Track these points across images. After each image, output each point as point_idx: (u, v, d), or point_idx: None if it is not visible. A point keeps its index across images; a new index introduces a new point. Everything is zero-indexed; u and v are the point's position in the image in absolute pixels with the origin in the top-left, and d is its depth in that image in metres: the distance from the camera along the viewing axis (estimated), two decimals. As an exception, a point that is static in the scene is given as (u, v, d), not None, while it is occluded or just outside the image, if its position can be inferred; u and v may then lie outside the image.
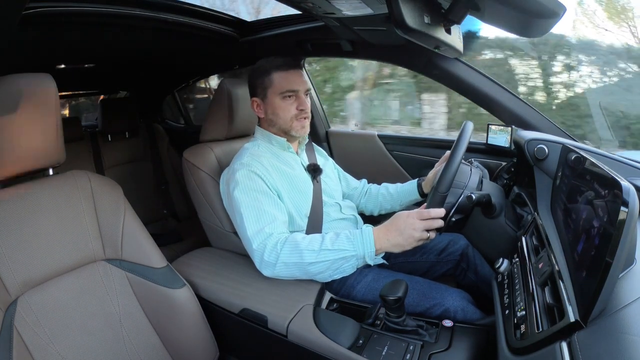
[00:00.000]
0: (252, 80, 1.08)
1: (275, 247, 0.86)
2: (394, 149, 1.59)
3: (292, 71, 1.04)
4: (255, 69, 1.07)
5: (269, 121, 1.08)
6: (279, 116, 1.04)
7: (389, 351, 0.73)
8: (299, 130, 1.06)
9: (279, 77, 1.03)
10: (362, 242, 0.84)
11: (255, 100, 1.08)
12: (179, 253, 1.14)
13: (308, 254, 0.84)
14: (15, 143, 0.75)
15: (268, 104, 1.05)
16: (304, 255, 0.84)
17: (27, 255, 0.76)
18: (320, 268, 0.84)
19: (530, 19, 0.73)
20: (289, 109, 1.03)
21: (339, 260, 0.83)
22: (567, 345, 0.46)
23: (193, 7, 1.28)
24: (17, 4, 0.75)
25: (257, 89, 1.06)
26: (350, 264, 0.84)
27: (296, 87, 1.03)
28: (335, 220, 1.09)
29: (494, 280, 0.83)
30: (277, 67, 1.03)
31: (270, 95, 1.04)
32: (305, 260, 0.83)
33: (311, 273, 0.85)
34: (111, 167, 1.96)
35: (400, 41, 1.13)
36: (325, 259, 0.83)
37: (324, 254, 0.83)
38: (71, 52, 1.47)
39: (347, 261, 0.84)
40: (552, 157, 0.93)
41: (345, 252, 0.83)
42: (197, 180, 1.12)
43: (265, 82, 1.04)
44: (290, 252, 0.85)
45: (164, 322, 0.88)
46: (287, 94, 1.03)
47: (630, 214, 0.42)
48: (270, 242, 0.87)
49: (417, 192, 1.20)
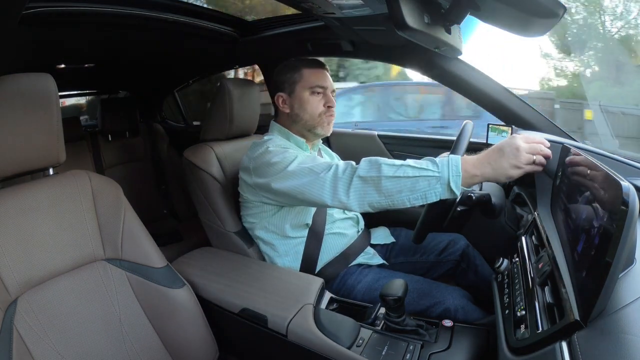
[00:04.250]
0: (280, 76, 1.08)
1: (348, 164, 0.80)
2: (394, 148, 1.59)
3: (321, 69, 1.06)
4: (284, 65, 1.09)
5: (294, 117, 1.07)
6: (306, 111, 1.04)
7: (389, 351, 0.73)
8: (325, 127, 1.06)
9: (309, 73, 1.05)
10: (448, 165, 0.74)
11: (281, 95, 1.07)
12: (179, 253, 1.14)
13: (387, 167, 0.76)
14: (16, 143, 0.75)
15: (295, 98, 1.05)
16: (382, 169, 0.76)
17: (27, 255, 0.76)
18: (399, 186, 0.75)
19: (530, 18, 0.73)
20: (317, 104, 1.04)
21: (421, 179, 0.74)
22: (567, 345, 0.46)
23: (193, 7, 1.28)
24: (17, 4, 0.75)
25: (284, 84, 1.07)
26: (432, 187, 0.74)
27: (325, 84, 1.05)
28: (338, 220, 1.09)
29: (493, 280, 0.83)
30: (307, 64, 1.06)
31: (298, 90, 1.04)
32: (383, 173, 0.75)
33: (389, 191, 0.75)
34: (111, 167, 1.96)
35: (400, 41, 1.13)
36: (405, 175, 0.75)
37: (404, 170, 0.75)
38: (71, 52, 1.47)
39: (429, 183, 0.74)
40: (552, 157, 0.93)
41: (428, 171, 0.74)
42: (197, 180, 1.12)
43: (294, 77, 1.05)
44: (368, 166, 0.78)
45: (163, 321, 0.88)
46: (316, 89, 1.04)
47: (630, 214, 0.42)
48: (342, 165, 0.81)
49: None
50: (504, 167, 0.73)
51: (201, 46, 1.61)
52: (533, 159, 0.73)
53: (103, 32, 1.22)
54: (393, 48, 1.29)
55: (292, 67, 1.06)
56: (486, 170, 0.74)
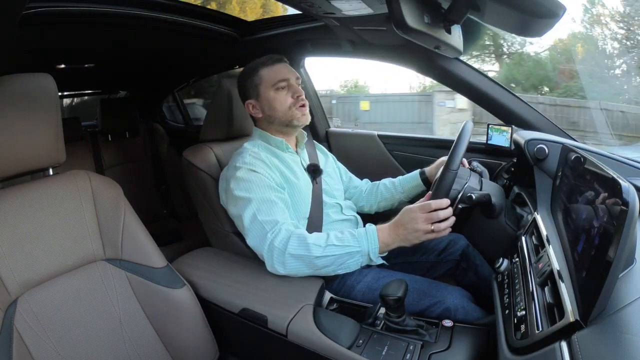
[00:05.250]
0: (242, 84, 1.08)
1: (283, 239, 0.87)
2: (394, 148, 1.59)
3: (278, 64, 1.05)
4: (242, 73, 1.08)
5: (267, 118, 1.07)
6: (276, 109, 1.04)
7: (389, 351, 0.73)
8: (301, 118, 1.05)
9: (267, 71, 1.04)
10: (366, 239, 0.85)
11: (249, 102, 1.07)
12: (179, 253, 1.14)
13: (315, 248, 0.84)
14: (16, 143, 0.75)
15: (263, 100, 1.05)
16: (310, 248, 0.84)
17: (27, 255, 0.76)
18: (326, 262, 0.85)
19: (530, 19, 0.73)
20: (284, 99, 1.04)
21: (344, 255, 0.84)
22: (567, 345, 0.46)
23: (193, 7, 1.29)
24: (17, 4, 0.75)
25: (248, 91, 1.07)
26: (355, 260, 0.85)
27: (286, 76, 1.04)
28: (336, 222, 1.09)
29: (494, 280, 0.83)
30: (263, 64, 1.05)
31: (263, 91, 1.04)
32: (312, 253, 0.84)
33: (317, 266, 0.86)
34: (111, 167, 1.96)
35: (400, 41, 1.13)
36: (331, 254, 0.84)
37: (330, 249, 0.84)
38: (71, 52, 1.47)
39: (352, 257, 0.85)
40: (552, 157, 0.93)
41: (350, 247, 0.84)
42: (197, 180, 1.12)
43: (255, 80, 1.05)
44: (298, 245, 0.85)
45: (164, 322, 0.88)
46: (279, 85, 1.03)
47: (630, 214, 0.42)
48: (281, 234, 0.87)
49: (420, 178, 1.21)
50: (408, 238, 0.83)
51: (201, 46, 1.61)
52: (430, 228, 0.81)
53: (103, 32, 1.22)
54: (393, 48, 1.29)
55: (251, 71, 1.06)
56: (397, 240, 0.84)
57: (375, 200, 1.28)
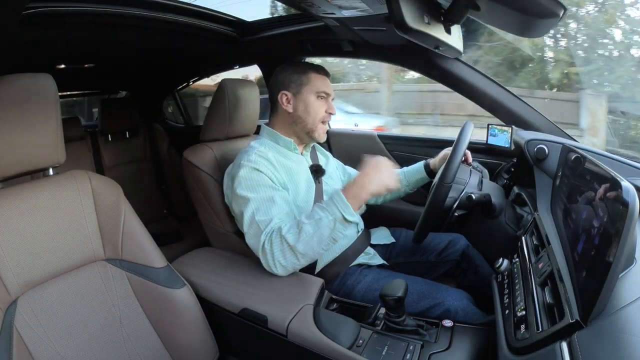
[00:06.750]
0: (285, 75, 1.08)
1: (271, 239, 0.88)
2: (394, 148, 1.59)
3: (326, 77, 1.10)
4: (289, 64, 1.10)
5: (295, 118, 1.07)
6: (310, 114, 1.06)
7: (389, 351, 0.73)
8: (321, 135, 1.10)
9: (316, 77, 1.07)
10: (333, 203, 0.86)
11: (285, 93, 1.07)
12: (179, 253, 1.14)
13: (290, 236, 0.86)
14: (16, 143, 0.75)
15: (301, 100, 1.06)
16: (287, 238, 0.86)
17: (27, 255, 0.76)
18: (307, 243, 0.85)
19: (530, 19, 0.73)
20: (320, 109, 1.07)
21: (321, 229, 0.85)
22: (567, 345, 0.46)
23: (194, 7, 1.28)
24: (17, 4, 0.75)
25: (290, 84, 1.07)
26: (335, 228, 0.86)
27: (329, 91, 1.09)
28: None
29: (494, 280, 0.83)
30: (314, 69, 1.08)
31: (305, 92, 1.06)
32: (289, 242, 0.85)
33: (303, 252, 0.86)
34: (111, 167, 1.96)
35: (400, 41, 1.13)
36: (306, 233, 0.85)
37: (305, 230, 0.85)
38: (71, 52, 1.47)
39: (329, 226, 0.85)
40: (552, 157, 0.93)
41: (322, 220, 0.85)
42: (197, 180, 1.12)
43: (302, 79, 1.06)
44: (276, 239, 0.87)
45: (164, 322, 0.88)
46: (321, 94, 1.07)
47: (630, 214, 0.42)
48: (271, 234, 0.89)
49: (424, 170, 1.22)
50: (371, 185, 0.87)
51: (201, 46, 1.61)
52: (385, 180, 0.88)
53: (103, 32, 1.22)
54: (393, 48, 1.29)
55: (300, 69, 1.08)
56: (360, 193, 0.86)
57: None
